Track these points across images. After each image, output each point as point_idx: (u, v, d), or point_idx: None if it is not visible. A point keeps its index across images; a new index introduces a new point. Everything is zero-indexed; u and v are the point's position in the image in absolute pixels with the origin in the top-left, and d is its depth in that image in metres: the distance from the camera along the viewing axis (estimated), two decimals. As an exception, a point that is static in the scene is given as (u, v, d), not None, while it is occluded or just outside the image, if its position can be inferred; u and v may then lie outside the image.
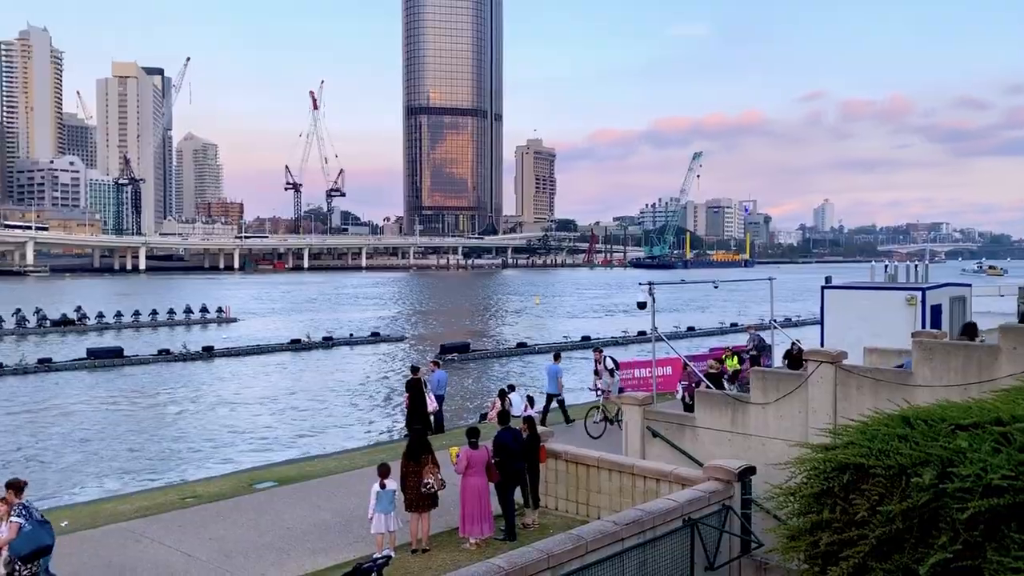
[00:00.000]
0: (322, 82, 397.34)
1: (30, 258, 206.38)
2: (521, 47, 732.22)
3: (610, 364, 24.24)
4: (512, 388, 23.24)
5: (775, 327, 22.53)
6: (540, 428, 15.09)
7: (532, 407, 21.27)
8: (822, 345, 18.44)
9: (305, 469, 19.95)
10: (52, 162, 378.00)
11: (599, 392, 23.61)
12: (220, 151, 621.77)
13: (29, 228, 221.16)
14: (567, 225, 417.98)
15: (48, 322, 63.75)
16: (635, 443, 15.50)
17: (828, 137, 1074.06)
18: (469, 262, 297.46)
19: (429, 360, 33.14)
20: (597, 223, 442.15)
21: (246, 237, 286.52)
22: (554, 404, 23.75)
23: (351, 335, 59.80)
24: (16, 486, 11.03)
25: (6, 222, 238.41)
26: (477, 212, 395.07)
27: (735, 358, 23.44)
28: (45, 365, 43.55)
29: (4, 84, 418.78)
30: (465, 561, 11.83)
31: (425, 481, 13.19)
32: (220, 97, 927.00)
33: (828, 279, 24.26)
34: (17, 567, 10.44)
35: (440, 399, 23.73)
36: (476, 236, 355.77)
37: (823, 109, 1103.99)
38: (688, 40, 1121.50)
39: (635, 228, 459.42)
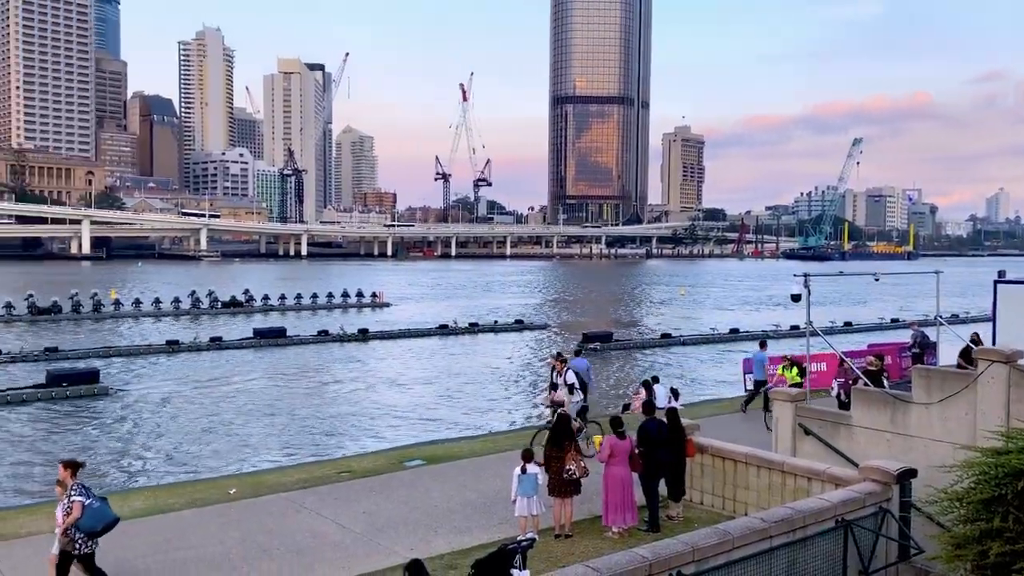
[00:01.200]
0: (471, 74, 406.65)
1: (203, 244, 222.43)
2: (669, 32, 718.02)
3: (571, 379, 19.06)
4: (656, 379, 22.98)
5: (941, 324, 21.09)
6: (685, 421, 14.89)
7: (676, 399, 20.96)
8: (994, 344, 17.15)
9: (452, 450, 20.58)
10: (224, 154, 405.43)
11: (551, 407, 19.09)
12: (376, 143, 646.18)
13: (203, 216, 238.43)
14: (715, 214, 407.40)
15: (219, 303, 68.55)
16: (785, 440, 15.02)
17: (1005, 121, 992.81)
18: (612, 251, 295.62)
19: (570, 348, 33.35)
20: (748, 212, 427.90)
21: (397, 225, 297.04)
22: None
23: (495, 322, 60.86)
24: (73, 466, 11.15)
25: (183, 210, 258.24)
26: (621, 201, 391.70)
27: (794, 369, 21.72)
28: (216, 343, 46.87)
29: (182, 82, 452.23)
30: (608, 549, 11.86)
31: (567, 467, 13.30)
32: (376, 91, 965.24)
33: (1002, 273, 22.50)
34: (79, 543, 10.62)
35: (584, 387, 23.80)
36: (620, 225, 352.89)
37: (1000, 91, 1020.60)
38: (847, 21, 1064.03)
39: (788, 218, 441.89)
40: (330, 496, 15.98)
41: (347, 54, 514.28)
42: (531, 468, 13.18)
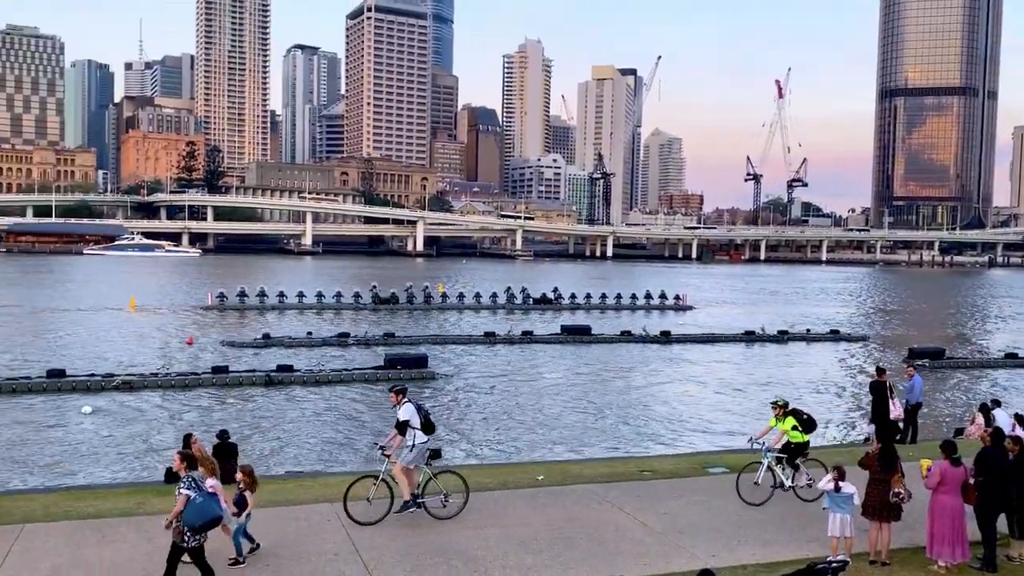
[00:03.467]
0: (788, 70, 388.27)
1: (519, 244, 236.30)
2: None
3: (411, 416, 14.49)
4: (997, 403, 20.38)
5: None
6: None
7: (1022, 427, 18.41)
8: None
9: (758, 459, 19.86)
10: (539, 160, 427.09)
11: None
12: (683, 144, 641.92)
13: (518, 218, 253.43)
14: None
15: (531, 300, 72.48)
16: None
17: None
18: (947, 258, 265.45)
19: (906, 366, 30.68)
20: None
21: (701, 228, 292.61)
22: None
23: (808, 330, 57.63)
24: (188, 458, 11.26)
25: (502, 212, 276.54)
26: (959, 203, 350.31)
27: (787, 420, 15.85)
28: (527, 337, 49.61)
29: (505, 93, 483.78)
30: (933, 584, 10.74)
31: (896, 491, 12.23)
32: (685, 92, 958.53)
33: None
34: (187, 536, 10.74)
35: (917, 407, 21.87)
36: (957, 229, 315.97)
37: None
38: None
39: None
40: (632, 493, 16.21)
41: (659, 57, 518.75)
42: (846, 487, 12.35)
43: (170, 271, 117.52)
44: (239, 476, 12.90)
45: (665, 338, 51.41)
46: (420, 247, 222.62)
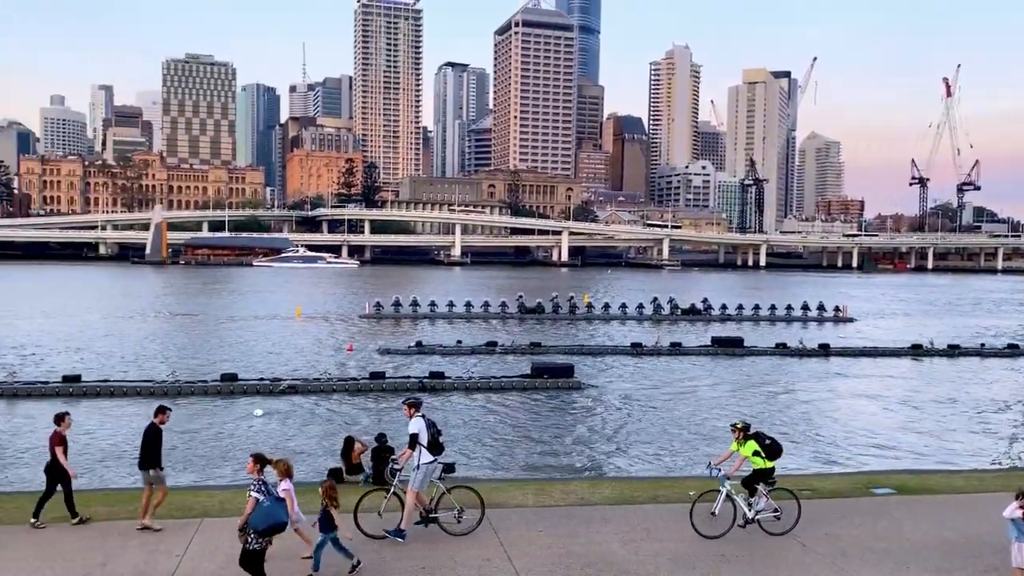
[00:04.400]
0: (958, 66, 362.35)
1: (665, 253, 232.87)
2: None
3: (420, 430, 13.79)
4: None
5: None
6: None
7: None
8: None
9: (927, 482, 18.66)
10: (687, 167, 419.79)
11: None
12: (842, 148, 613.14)
13: (665, 227, 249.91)
14: None
15: (679, 310, 71.15)
16: None
17: None
18: None
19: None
20: None
21: (861, 235, 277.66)
22: None
23: (982, 345, 53.52)
24: (260, 460, 11.46)
25: (648, 222, 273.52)
26: None
27: (748, 444, 14.29)
28: (676, 348, 48.71)
29: (652, 100, 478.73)
30: None
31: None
32: (844, 94, 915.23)
33: None
34: (251, 538, 10.89)
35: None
36: None
37: None
38: None
39: None
40: (791, 512, 15.58)
41: (815, 58, 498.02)
42: (1033, 515, 11.37)
43: (331, 281, 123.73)
44: (321, 492, 12.43)
45: (824, 351, 49.14)
46: (565, 257, 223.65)
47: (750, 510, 14.19)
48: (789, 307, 72.90)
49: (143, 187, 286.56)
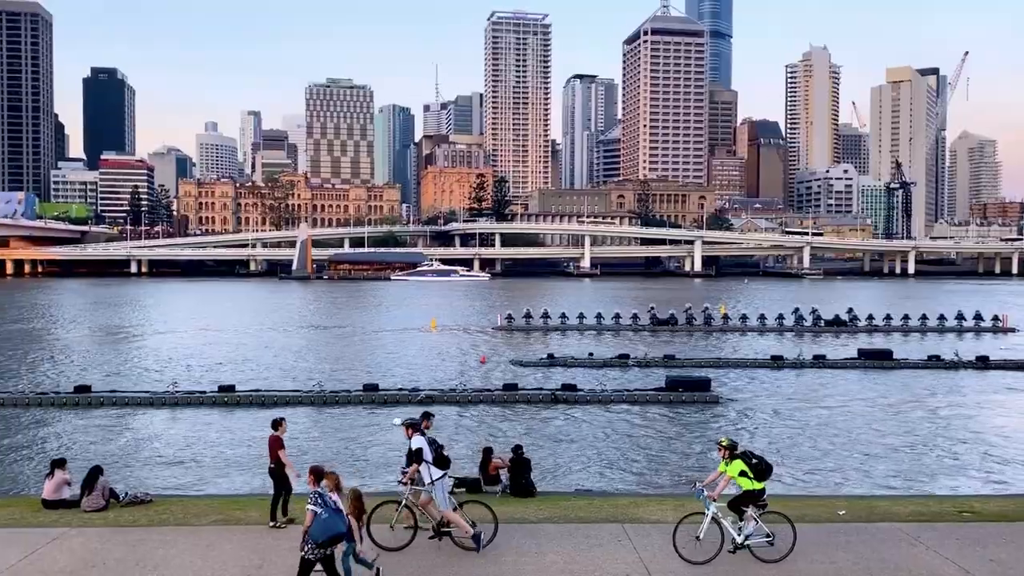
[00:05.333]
0: None
1: (806, 261, 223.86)
2: None
3: (423, 446, 14.01)
4: None
5: None
6: None
7: None
8: None
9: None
10: (827, 171, 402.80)
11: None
12: (998, 147, 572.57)
13: (805, 234, 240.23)
14: None
15: (822, 321, 68.08)
16: None
17: None
18: None
19: None
20: None
21: (1022, 239, 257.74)
22: None
23: None
24: (316, 474, 11.71)
25: (786, 229, 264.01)
26: None
27: (734, 463, 13.35)
28: (819, 361, 46.66)
29: (788, 104, 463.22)
30: None
31: None
32: (999, 90, 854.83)
33: None
34: (308, 547, 11.08)
35: None
36: None
37: None
38: None
39: None
40: (950, 536, 14.61)
41: (966, 53, 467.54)
42: None
43: (463, 294, 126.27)
44: (346, 503, 12.11)
45: (982, 363, 45.89)
46: (698, 267, 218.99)
47: (739, 535, 13.38)
48: (942, 317, 68.47)
49: (289, 206, 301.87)
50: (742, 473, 13.37)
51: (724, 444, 13.84)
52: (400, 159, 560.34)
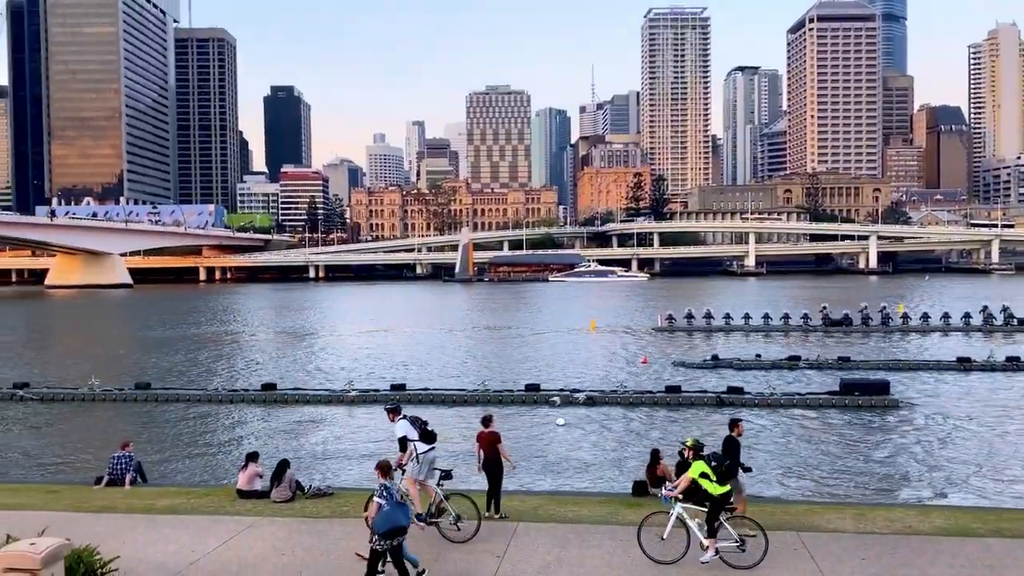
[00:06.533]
0: None
1: (995, 256, 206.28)
2: None
3: (407, 431, 15.20)
4: None
5: None
6: None
7: None
8: None
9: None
10: (1019, 157, 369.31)
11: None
12: None
13: (994, 226, 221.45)
14: None
15: (1015, 320, 62.58)
16: None
17: None
18: None
19: None
20: None
21: None
22: None
23: None
24: (383, 468, 12.27)
25: (972, 221, 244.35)
26: None
27: (696, 464, 13.28)
28: (1013, 363, 42.89)
29: (972, 87, 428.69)
30: None
31: None
32: None
33: None
34: (375, 539, 11.64)
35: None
36: None
37: None
38: None
39: None
40: None
41: None
42: None
43: (622, 295, 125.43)
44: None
45: None
46: (873, 264, 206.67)
47: (706, 538, 13.07)
48: None
49: (451, 211, 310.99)
50: (703, 475, 13.21)
51: (689, 444, 13.97)
52: (556, 161, 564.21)
